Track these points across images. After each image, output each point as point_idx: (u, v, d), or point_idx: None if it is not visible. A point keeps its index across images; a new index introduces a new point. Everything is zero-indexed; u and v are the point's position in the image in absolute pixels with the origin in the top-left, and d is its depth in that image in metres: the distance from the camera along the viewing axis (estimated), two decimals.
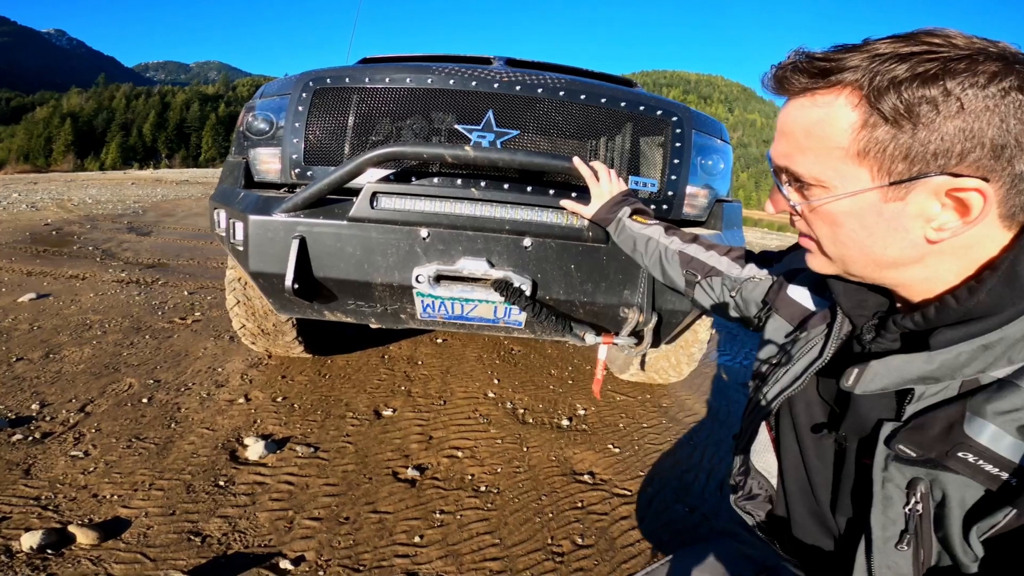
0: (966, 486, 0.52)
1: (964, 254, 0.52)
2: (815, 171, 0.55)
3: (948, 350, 0.51)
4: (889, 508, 0.57)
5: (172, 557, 1.36)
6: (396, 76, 1.57)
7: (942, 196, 0.49)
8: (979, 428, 0.49)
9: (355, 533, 1.52)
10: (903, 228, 0.52)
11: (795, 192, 0.59)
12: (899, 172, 0.50)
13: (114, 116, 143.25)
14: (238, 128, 1.81)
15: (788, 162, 0.58)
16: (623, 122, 1.61)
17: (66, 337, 2.75)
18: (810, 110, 0.54)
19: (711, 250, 1.07)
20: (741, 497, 0.87)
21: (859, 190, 0.52)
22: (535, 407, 2.38)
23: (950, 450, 0.51)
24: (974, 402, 0.50)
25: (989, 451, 0.49)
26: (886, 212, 0.52)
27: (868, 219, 0.54)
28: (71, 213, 7.58)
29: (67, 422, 1.94)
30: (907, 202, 0.51)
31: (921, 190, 0.50)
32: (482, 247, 1.48)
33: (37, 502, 1.51)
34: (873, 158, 0.50)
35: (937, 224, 0.51)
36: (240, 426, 2.02)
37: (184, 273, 4.43)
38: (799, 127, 0.55)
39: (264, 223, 1.54)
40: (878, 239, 0.54)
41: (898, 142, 0.49)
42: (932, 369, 0.52)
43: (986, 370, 0.51)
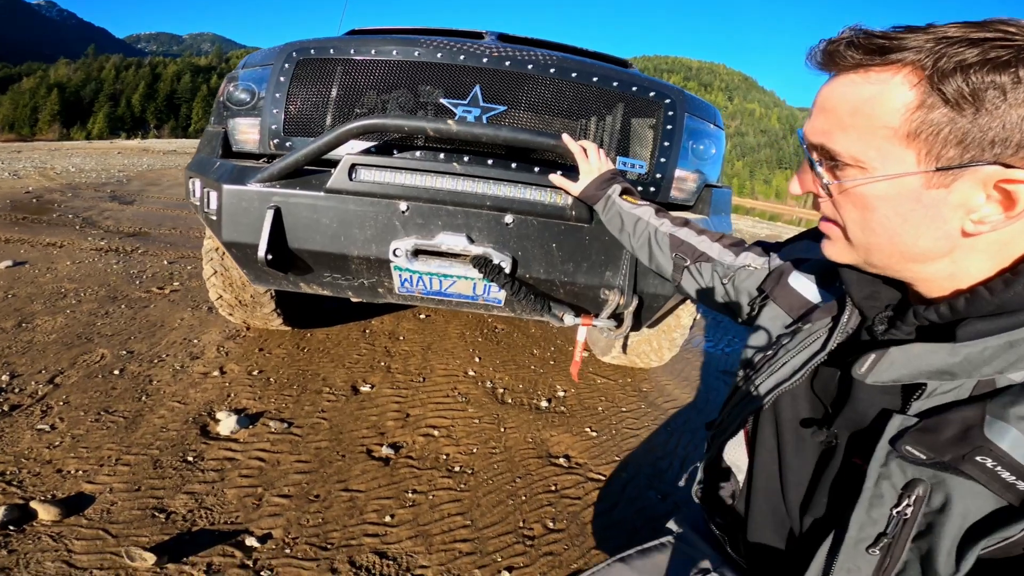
0: (974, 494, 0.49)
1: (997, 251, 0.50)
2: (855, 150, 0.52)
3: (975, 343, 0.49)
4: (876, 507, 0.55)
5: (135, 534, 1.32)
6: (382, 48, 1.51)
7: (989, 187, 0.47)
8: (1000, 432, 0.47)
9: (325, 511, 1.48)
10: (940, 218, 0.50)
11: (827, 172, 0.56)
12: (949, 158, 0.47)
13: (102, 87, 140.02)
14: (218, 98, 1.74)
15: (826, 139, 0.54)
16: (614, 102, 1.55)
17: (40, 306, 2.66)
18: (861, 87, 0.51)
19: (702, 235, 1.03)
20: (703, 487, 0.86)
21: (901, 173, 0.50)
22: (515, 387, 2.35)
23: (967, 454, 0.48)
24: (994, 404, 0.48)
25: (1009, 457, 0.46)
26: (926, 199, 0.50)
27: (905, 205, 0.51)
28: (53, 181, 7.35)
29: (35, 394, 1.88)
30: (951, 190, 0.48)
31: (968, 179, 0.47)
32: (462, 222, 1.43)
33: (1, 477, 1.46)
34: (923, 141, 0.48)
35: (978, 216, 0.48)
36: (213, 400, 1.96)
37: (165, 242, 4.31)
38: (846, 103, 0.52)
39: (238, 192, 1.47)
40: (911, 227, 0.51)
41: (955, 126, 0.46)
42: (954, 363, 0.50)
43: (1005, 371, 0.49)
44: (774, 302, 0.78)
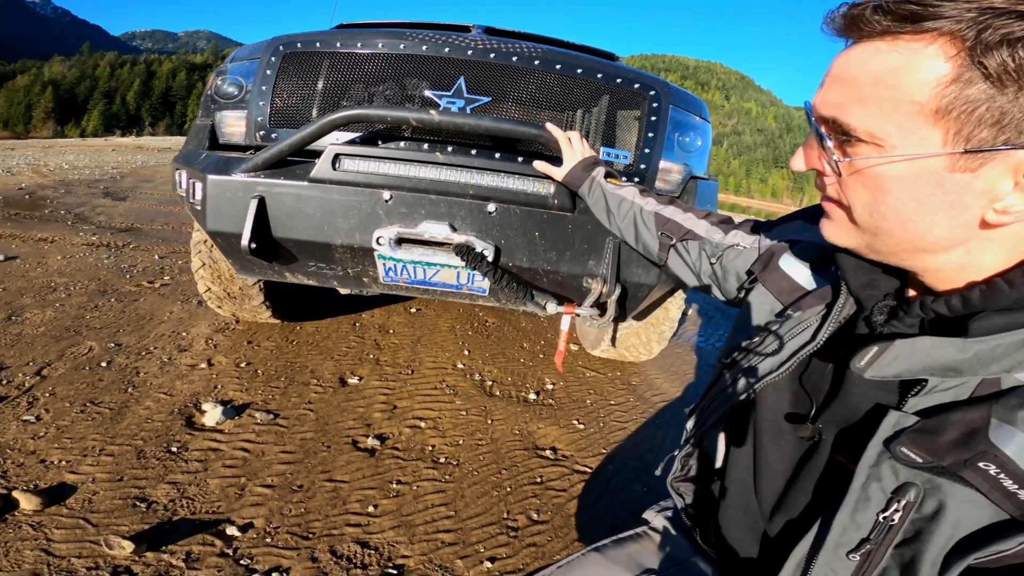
0: (970, 503, 0.46)
1: (1014, 244, 0.47)
2: (873, 125, 0.47)
3: (988, 339, 0.45)
4: (861, 511, 0.51)
5: (115, 523, 1.32)
6: (368, 41, 1.51)
7: (1020, 174, 0.43)
8: (1007, 436, 0.44)
9: (307, 501, 1.48)
10: (961, 205, 0.46)
11: (837, 149, 0.51)
12: (980, 139, 0.43)
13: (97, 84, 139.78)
14: (206, 92, 1.75)
15: (839, 112, 0.49)
16: (599, 94, 1.55)
17: (29, 299, 2.65)
18: (887, 55, 0.46)
19: (689, 212, 1.01)
20: (678, 477, 0.85)
21: (924, 154, 0.45)
22: (503, 380, 2.35)
23: (969, 459, 0.45)
24: (1001, 407, 0.45)
25: (1013, 464, 0.43)
26: (948, 184, 0.45)
27: (923, 189, 0.46)
28: (46, 178, 7.33)
29: (22, 386, 1.87)
30: (977, 175, 0.44)
31: (999, 164, 0.43)
32: (445, 211, 1.43)
33: None
34: (954, 119, 0.43)
35: (1003, 205, 0.44)
36: (199, 391, 1.96)
37: (157, 238, 4.30)
38: (867, 73, 0.47)
39: (222, 182, 1.48)
40: (927, 214, 0.47)
41: (993, 104, 0.42)
42: (963, 359, 0.46)
43: (1013, 370, 0.45)
44: (763, 285, 0.74)
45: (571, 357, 2.72)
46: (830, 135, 0.51)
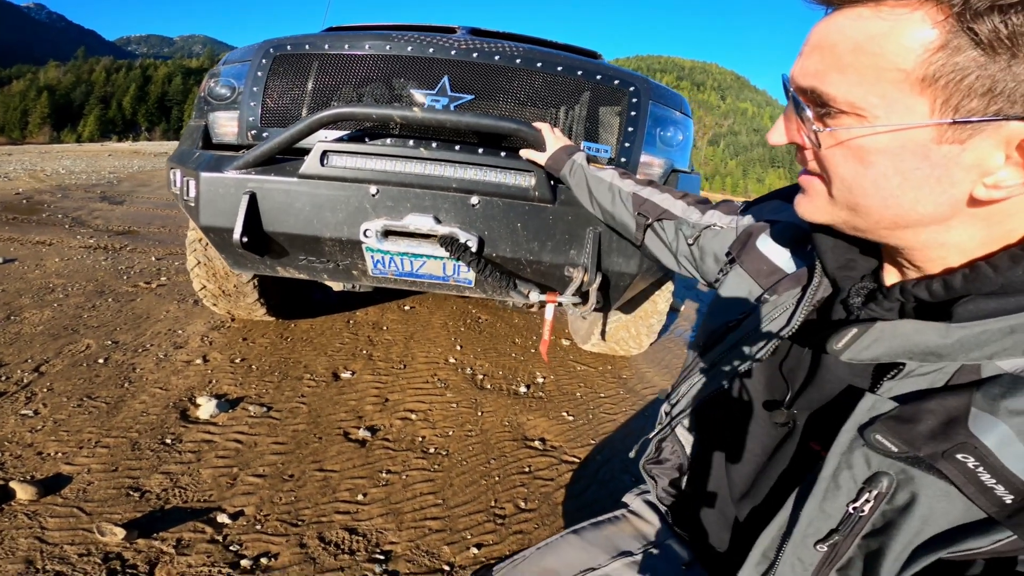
0: (944, 497, 0.44)
1: (999, 223, 0.44)
2: (855, 95, 0.44)
3: (973, 325, 0.43)
4: (831, 500, 0.50)
5: (108, 511, 1.36)
6: (356, 43, 1.57)
7: (1012, 147, 0.40)
8: (987, 427, 0.41)
9: (298, 490, 1.52)
10: (948, 179, 0.43)
11: (817, 120, 0.49)
12: (970, 109, 0.40)
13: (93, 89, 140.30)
14: (200, 93, 1.81)
15: (818, 81, 0.46)
16: (580, 90, 1.60)
17: (28, 300, 2.70)
18: (870, 21, 0.43)
19: (665, 193, 1.02)
20: (650, 460, 0.85)
21: (910, 124, 0.43)
22: (495, 373, 2.39)
23: (947, 450, 0.43)
24: (982, 395, 0.42)
25: (993, 457, 0.41)
26: (935, 156, 0.43)
27: (908, 162, 0.44)
28: (43, 183, 7.38)
29: (20, 382, 1.92)
30: (965, 147, 0.42)
31: (989, 135, 0.41)
32: (429, 204, 1.48)
33: None
34: (942, 88, 0.41)
35: (993, 180, 0.42)
36: (194, 386, 2.01)
37: (154, 240, 4.35)
38: (848, 40, 0.44)
39: (215, 179, 1.53)
40: (911, 189, 0.45)
41: (984, 72, 0.39)
42: (945, 344, 0.45)
43: (994, 357, 0.43)
44: (741, 267, 0.72)
45: (562, 352, 2.77)
46: (809, 106, 0.49)
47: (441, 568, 1.32)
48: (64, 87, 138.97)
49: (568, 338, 2.96)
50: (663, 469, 0.84)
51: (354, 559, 1.31)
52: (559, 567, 0.78)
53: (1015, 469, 0.41)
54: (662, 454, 0.84)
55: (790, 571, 0.53)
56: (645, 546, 0.81)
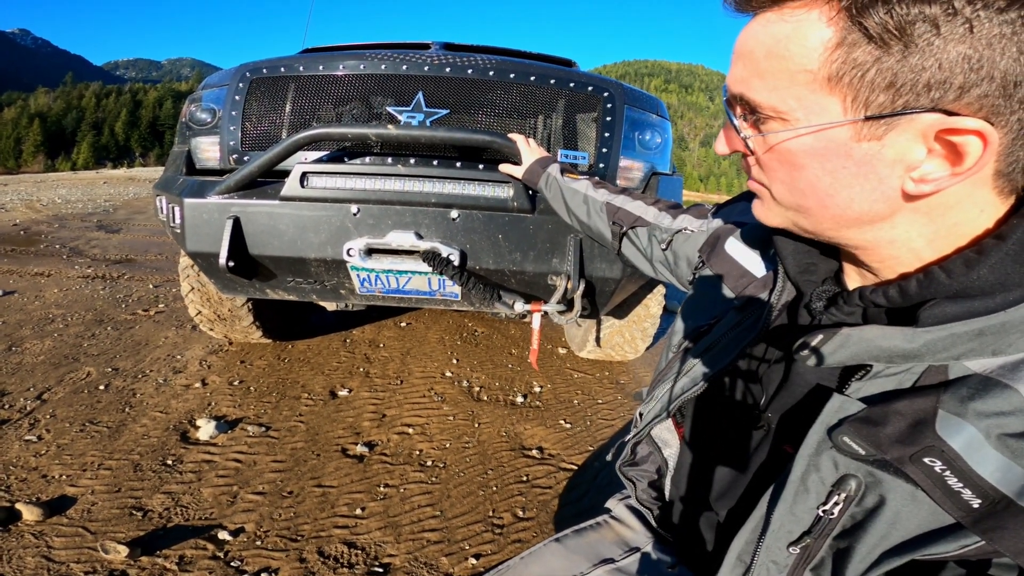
0: (911, 500, 0.45)
1: (940, 216, 0.45)
2: (773, 99, 0.47)
3: (939, 328, 0.44)
4: (800, 503, 0.51)
5: (112, 530, 1.47)
6: (330, 64, 1.68)
7: (930, 139, 0.42)
8: (955, 429, 0.42)
9: (297, 506, 1.62)
10: (875, 175, 0.45)
11: (749, 127, 0.51)
12: (879, 104, 0.42)
13: (84, 115, 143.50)
14: (181, 119, 1.92)
15: (745, 89, 0.49)
16: (555, 99, 1.71)
17: (28, 331, 2.86)
18: (776, 25, 0.45)
19: (638, 200, 1.07)
20: (625, 462, 0.88)
21: (826, 124, 0.45)
22: (491, 385, 2.49)
23: (915, 454, 0.44)
24: (950, 397, 0.43)
25: (960, 461, 0.42)
26: (857, 154, 0.44)
27: (833, 161, 0.46)
28: (39, 213, 7.66)
29: (23, 409, 2.05)
30: (884, 143, 0.43)
31: (904, 129, 0.42)
32: (410, 220, 1.58)
33: None
34: (847, 85, 0.43)
35: (919, 174, 0.43)
36: (194, 409, 2.13)
37: (151, 268, 4.53)
38: (761, 46, 0.47)
39: (198, 205, 1.64)
40: (843, 187, 0.47)
41: (881, 66, 0.41)
42: (911, 348, 0.45)
43: (961, 357, 0.44)
44: (710, 270, 0.75)
45: (559, 360, 2.86)
46: (743, 114, 0.51)
47: None
48: (55, 114, 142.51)
49: (564, 346, 3.05)
50: (639, 471, 0.88)
51: (353, 572, 1.40)
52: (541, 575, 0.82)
53: (983, 473, 0.41)
54: (637, 456, 0.88)
55: (765, 573, 0.55)
56: (627, 552, 0.84)
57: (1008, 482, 0.41)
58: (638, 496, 0.87)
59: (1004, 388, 0.41)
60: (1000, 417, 0.41)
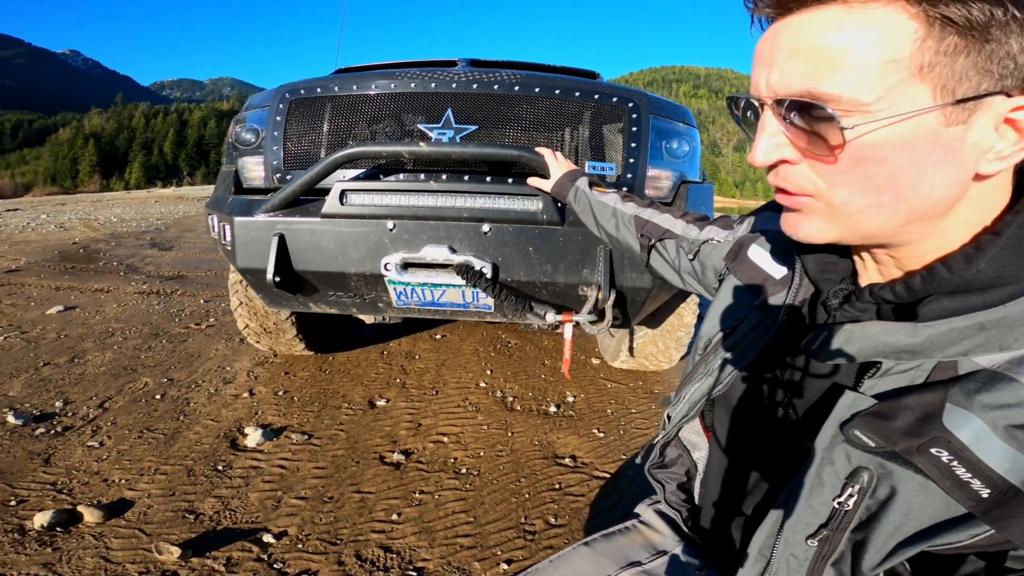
0: (922, 491, 0.47)
1: (984, 201, 0.48)
2: (858, 91, 0.46)
3: (939, 324, 0.46)
4: (816, 496, 0.53)
5: (166, 532, 1.57)
6: (363, 83, 1.78)
7: (1001, 119, 0.45)
8: (961, 421, 0.44)
9: (337, 511, 1.70)
10: (959, 159, 0.46)
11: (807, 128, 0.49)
12: (965, 89, 0.44)
13: (135, 135, 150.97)
14: (228, 139, 2.05)
15: (814, 83, 0.47)
16: (580, 111, 1.76)
17: (90, 344, 3.07)
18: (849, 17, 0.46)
19: (665, 213, 1.10)
20: (654, 465, 0.91)
21: (918, 111, 0.45)
22: (524, 395, 2.54)
23: (922, 445, 0.45)
24: (957, 391, 0.45)
25: (967, 451, 0.44)
26: (945, 139, 0.45)
27: (922, 148, 0.46)
28: (97, 232, 8.17)
29: (86, 417, 2.21)
30: (969, 125, 0.45)
31: (987, 110, 0.45)
32: (444, 235, 1.65)
33: (53, 486, 1.75)
34: (937, 74, 0.44)
35: (994, 153, 0.45)
36: (242, 417, 2.25)
37: (202, 284, 4.77)
38: (835, 39, 0.46)
39: (247, 223, 1.75)
40: (927, 176, 0.47)
41: (969, 54, 0.43)
42: (914, 343, 0.48)
43: (970, 353, 0.46)
44: (734, 276, 0.78)
45: (592, 371, 2.88)
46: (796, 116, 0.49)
47: None
48: (108, 134, 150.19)
49: (598, 357, 3.07)
50: (668, 474, 0.90)
51: (388, 575, 1.47)
52: None
53: (991, 463, 0.43)
54: (666, 459, 0.90)
55: (785, 567, 0.56)
56: (655, 555, 0.86)
57: (1016, 472, 0.42)
58: (667, 498, 0.89)
59: (1010, 382, 0.43)
60: (1006, 409, 0.43)
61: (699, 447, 0.85)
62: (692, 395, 0.77)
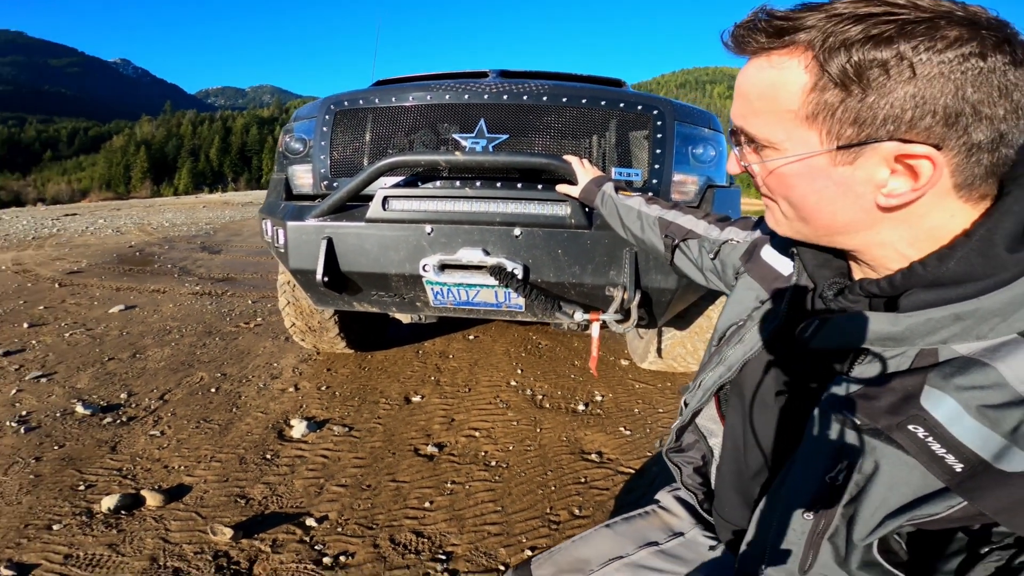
0: (903, 464, 0.51)
1: (917, 223, 0.53)
2: (766, 133, 0.56)
3: (918, 314, 0.51)
4: (810, 472, 0.58)
5: (220, 515, 1.70)
6: (401, 95, 1.90)
7: (891, 162, 0.50)
8: (936, 401, 0.49)
9: (374, 498, 1.81)
10: (853, 193, 0.54)
11: (752, 153, 0.61)
12: (848, 136, 0.51)
13: (183, 142, 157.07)
14: (278, 149, 2.22)
15: (744, 123, 0.59)
16: (606, 119, 1.83)
17: (150, 340, 3.31)
18: (766, 71, 0.54)
19: (688, 214, 1.15)
20: (672, 449, 0.95)
21: (807, 154, 0.54)
22: (554, 394, 2.62)
23: (900, 422, 0.51)
24: (935, 374, 0.50)
25: (941, 428, 0.48)
26: (835, 176, 0.53)
27: (818, 182, 0.55)
28: (151, 236, 8.65)
29: (148, 408, 2.41)
30: (856, 167, 0.52)
31: (870, 155, 0.51)
32: (478, 238, 1.75)
33: (119, 472, 1.92)
34: (822, 122, 0.52)
35: (887, 190, 0.51)
36: (289, 410, 2.40)
37: (249, 285, 5.03)
38: (754, 89, 0.56)
39: (299, 227, 1.89)
40: (828, 203, 0.56)
41: (847, 106, 0.49)
42: (896, 331, 0.53)
43: (949, 341, 0.51)
44: (748, 275, 0.83)
45: (620, 372, 2.94)
46: (745, 143, 0.61)
47: (497, 568, 1.54)
48: (158, 141, 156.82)
49: (627, 358, 3.12)
50: (685, 458, 0.94)
51: (419, 558, 1.56)
52: (591, 556, 0.90)
53: (963, 439, 0.47)
54: (683, 444, 0.94)
55: (784, 540, 0.61)
56: (671, 536, 0.92)
57: (987, 448, 0.47)
58: (683, 481, 0.94)
59: (983, 366, 0.48)
60: (978, 391, 0.47)
61: (715, 434, 0.89)
62: (706, 383, 0.83)
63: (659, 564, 0.87)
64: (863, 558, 0.56)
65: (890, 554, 0.56)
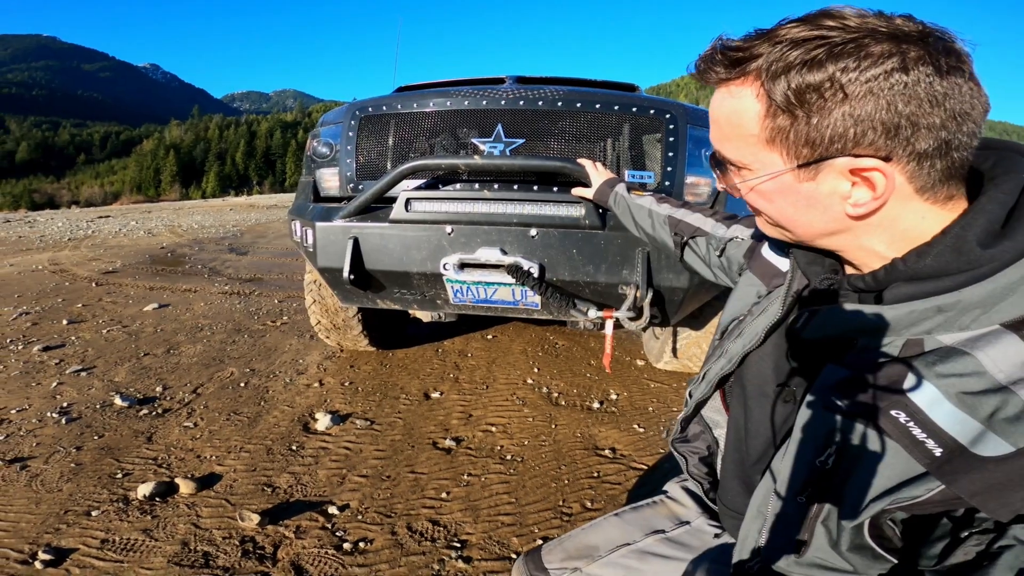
0: (887, 449, 0.53)
1: (891, 226, 0.56)
2: (737, 156, 0.61)
3: (901, 306, 0.54)
4: (801, 456, 0.61)
5: (248, 503, 1.80)
6: (422, 101, 1.99)
7: (848, 175, 0.54)
8: (918, 387, 0.51)
9: (393, 488, 1.89)
10: (822, 205, 0.58)
11: (731, 173, 0.65)
12: (805, 156, 0.55)
13: (210, 146, 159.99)
14: (306, 153, 2.32)
15: (719, 147, 0.64)
16: (620, 123, 1.89)
17: (183, 337, 3.46)
18: (727, 100, 0.59)
19: (697, 212, 1.19)
20: (678, 439, 0.98)
21: (774, 173, 0.58)
22: (569, 392, 2.67)
23: (884, 407, 0.53)
24: (919, 362, 0.52)
25: (922, 414, 0.51)
26: (803, 191, 0.58)
27: (790, 197, 0.59)
28: (181, 237, 8.93)
29: (182, 400, 2.53)
30: (819, 182, 0.56)
31: (828, 171, 0.54)
32: (496, 238, 1.82)
33: (155, 461, 2.04)
34: (780, 144, 0.56)
35: (852, 200, 0.55)
36: (313, 404, 2.50)
37: (275, 286, 5.18)
38: (721, 116, 0.60)
39: (327, 228, 1.98)
40: (803, 215, 0.60)
41: (796, 130, 0.53)
42: (880, 322, 0.55)
43: (933, 332, 0.53)
44: (750, 271, 0.86)
45: (636, 371, 2.98)
46: (724, 163, 0.65)
47: (509, 556, 1.60)
48: (187, 145, 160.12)
49: (642, 358, 3.16)
50: (690, 448, 0.97)
51: (435, 546, 1.62)
52: (599, 542, 0.94)
53: (943, 425, 0.50)
54: (688, 434, 0.97)
55: (780, 524, 0.64)
56: (677, 525, 0.95)
57: (964, 433, 0.49)
58: (689, 471, 0.97)
59: (964, 355, 0.50)
60: (958, 378, 0.50)
61: (720, 425, 0.92)
62: (709, 375, 0.85)
63: (665, 551, 0.91)
64: (853, 541, 0.58)
65: (883, 539, 0.58)
